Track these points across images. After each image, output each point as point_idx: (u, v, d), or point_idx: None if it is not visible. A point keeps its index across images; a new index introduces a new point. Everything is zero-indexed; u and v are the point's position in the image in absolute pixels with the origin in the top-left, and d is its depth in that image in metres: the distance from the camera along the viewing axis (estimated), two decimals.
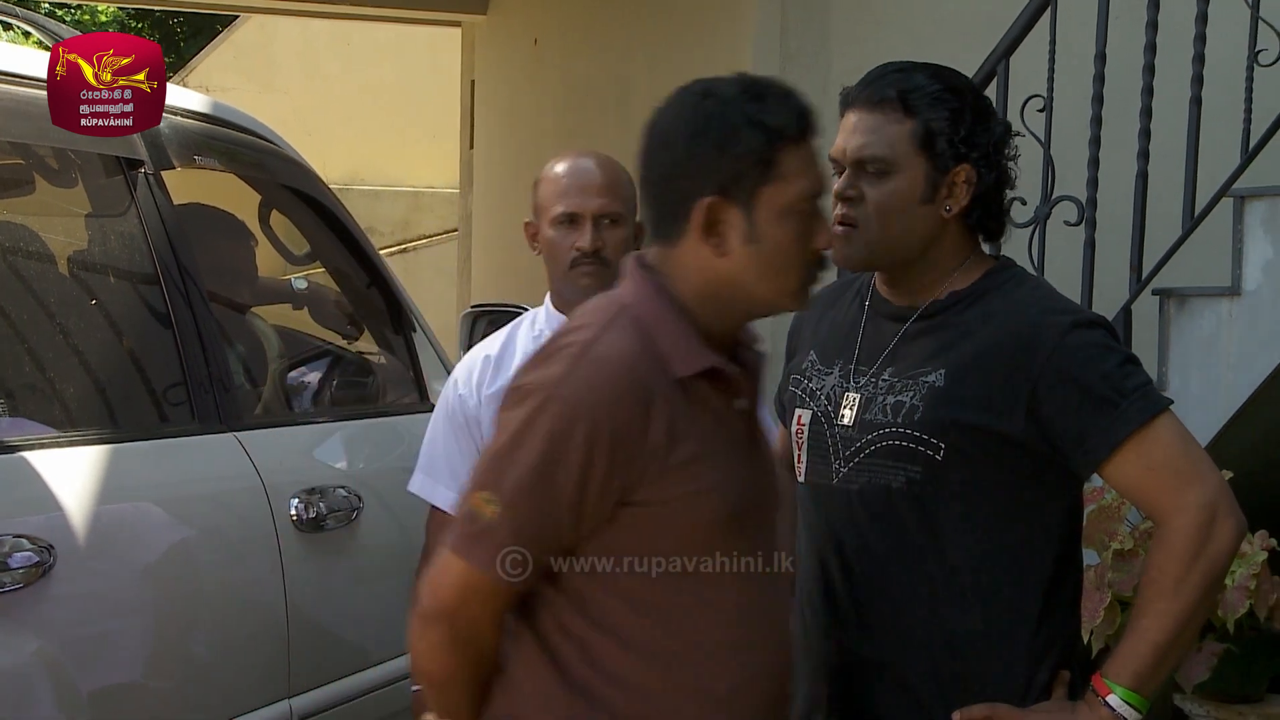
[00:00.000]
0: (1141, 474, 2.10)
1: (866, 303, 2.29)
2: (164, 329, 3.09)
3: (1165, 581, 2.08)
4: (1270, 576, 3.43)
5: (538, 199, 2.82)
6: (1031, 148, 4.00)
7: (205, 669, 2.93)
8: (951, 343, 2.17)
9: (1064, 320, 2.13)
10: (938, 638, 2.16)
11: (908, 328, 2.22)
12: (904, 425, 2.15)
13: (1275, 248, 3.68)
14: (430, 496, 2.86)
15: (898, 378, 2.19)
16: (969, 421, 2.12)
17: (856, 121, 2.18)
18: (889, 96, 2.17)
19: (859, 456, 2.20)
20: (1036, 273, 3.97)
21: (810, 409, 2.28)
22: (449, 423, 2.85)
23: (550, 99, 7.86)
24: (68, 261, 3.14)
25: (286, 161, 3.79)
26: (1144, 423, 2.08)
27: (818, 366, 2.30)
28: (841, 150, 2.19)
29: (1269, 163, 3.95)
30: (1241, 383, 3.68)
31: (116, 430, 2.94)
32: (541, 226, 2.80)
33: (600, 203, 2.76)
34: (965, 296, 2.20)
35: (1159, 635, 2.08)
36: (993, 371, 2.12)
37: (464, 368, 2.89)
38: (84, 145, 2.98)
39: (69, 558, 2.60)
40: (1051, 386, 2.09)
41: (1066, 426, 2.10)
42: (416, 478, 2.90)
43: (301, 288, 4.21)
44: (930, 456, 2.14)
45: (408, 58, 14.28)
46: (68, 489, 2.67)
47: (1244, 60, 3.94)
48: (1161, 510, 2.10)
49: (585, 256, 2.74)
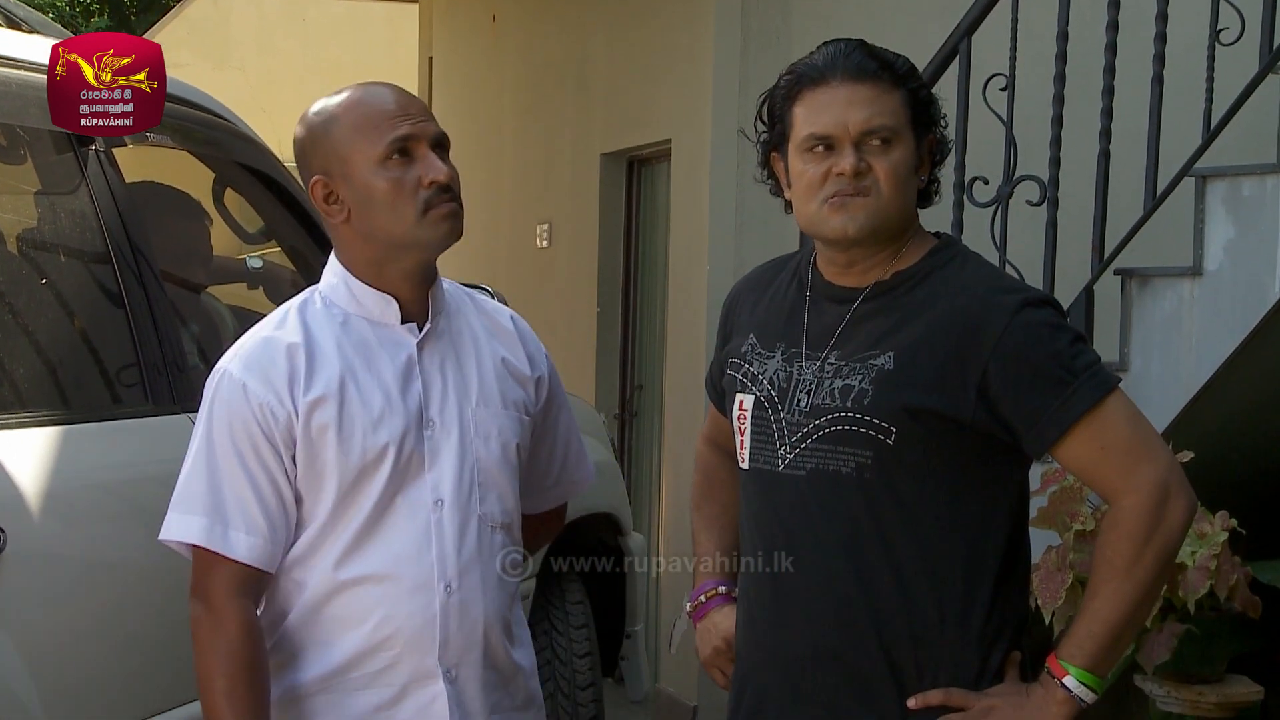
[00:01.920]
0: (1094, 454, 2.10)
1: (808, 284, 2.26)
2: (116, 309, 3.04)
3: (1119, 561, 2.08)
4: (1231, 557, 3.44)
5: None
6: (993, 127, 4.00)
7: (161, 653, 2.90)
8: (899, 324, 2.15)
9: (1013, 299, 2.12)
10: (889, 625, 2.14)
11: (854, 309, 2.19)
12: (853, 409, 2.13)
13: (1237, 228, 3.68)
14: (222, 546, 2.17)
15: (845, 361, 2.16)
16: (920, 405, 2.10)
17: (848, 94, 2.13)
18: (873, 68, 2.14)
19: (806, 442, 2.17)
20: (999, 252, 3.97)
21: (753, 393, 2.24)
22: (237, 443, 2.18)
23: (509, 76, 7.80)
24: (16, 240, 3.08)
25: (241, 139, 3.74)
26: (1096, 402, 2.09)
27: (758, 350, 2.27)
28: (842, 124, 2.12)
29: (1230, 142, 3.96)
30: (1203, 363, 3.69)
31: (68, 411, 2.90)
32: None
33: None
34: (910, 276, 2.18)
35: (1113, 615, 2.09)
36: (943, 353, 2.11)
37: (254, 363, 2.21)
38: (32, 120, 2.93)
39: (19, 542, 2.55)
40: (1003, 366, 2.08)
41: (1018, 407, 2.09)
42: (189, 521, 2.20)
43: (257, 267, 4.16)
44: (881, 441, 2.12)
45: (364, 34, 14.18)
46: (18, 472, 2.63)
47: (1205, 40, 3.94)
48: (1114, 489, 2.10)
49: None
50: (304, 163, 2.27)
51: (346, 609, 2.22)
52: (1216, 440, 3.74)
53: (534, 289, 7.17)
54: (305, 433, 2.20)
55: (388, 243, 2.22)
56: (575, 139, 6.87)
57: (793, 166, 2.19)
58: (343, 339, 2.25)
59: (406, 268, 2.25)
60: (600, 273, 6.59)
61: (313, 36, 14.69)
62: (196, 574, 2.22)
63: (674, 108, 5.73)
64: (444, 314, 2.33)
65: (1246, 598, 3.46)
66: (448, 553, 2.24)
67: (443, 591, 2.23)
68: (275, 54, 14.81)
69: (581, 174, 6.74)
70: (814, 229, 2.18)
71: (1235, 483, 3.80)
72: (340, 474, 2.21)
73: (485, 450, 2.30)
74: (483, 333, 2.39)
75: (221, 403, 2.22)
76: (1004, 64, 3.96)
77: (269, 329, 2.27)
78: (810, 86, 2.16)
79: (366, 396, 2.22)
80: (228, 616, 2.17)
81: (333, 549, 2.22)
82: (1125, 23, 3.87)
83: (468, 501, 2.27)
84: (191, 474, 2.23)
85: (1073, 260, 4.01)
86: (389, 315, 2.27)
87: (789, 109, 2.18)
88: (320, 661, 2.24)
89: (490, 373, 2.35)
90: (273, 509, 2.20)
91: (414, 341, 2.28)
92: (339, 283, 2.28)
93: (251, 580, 2.20)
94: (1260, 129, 4.16)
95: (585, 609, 4.40)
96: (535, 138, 7.41)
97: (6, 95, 2.91)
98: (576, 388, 5.97)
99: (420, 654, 2.23)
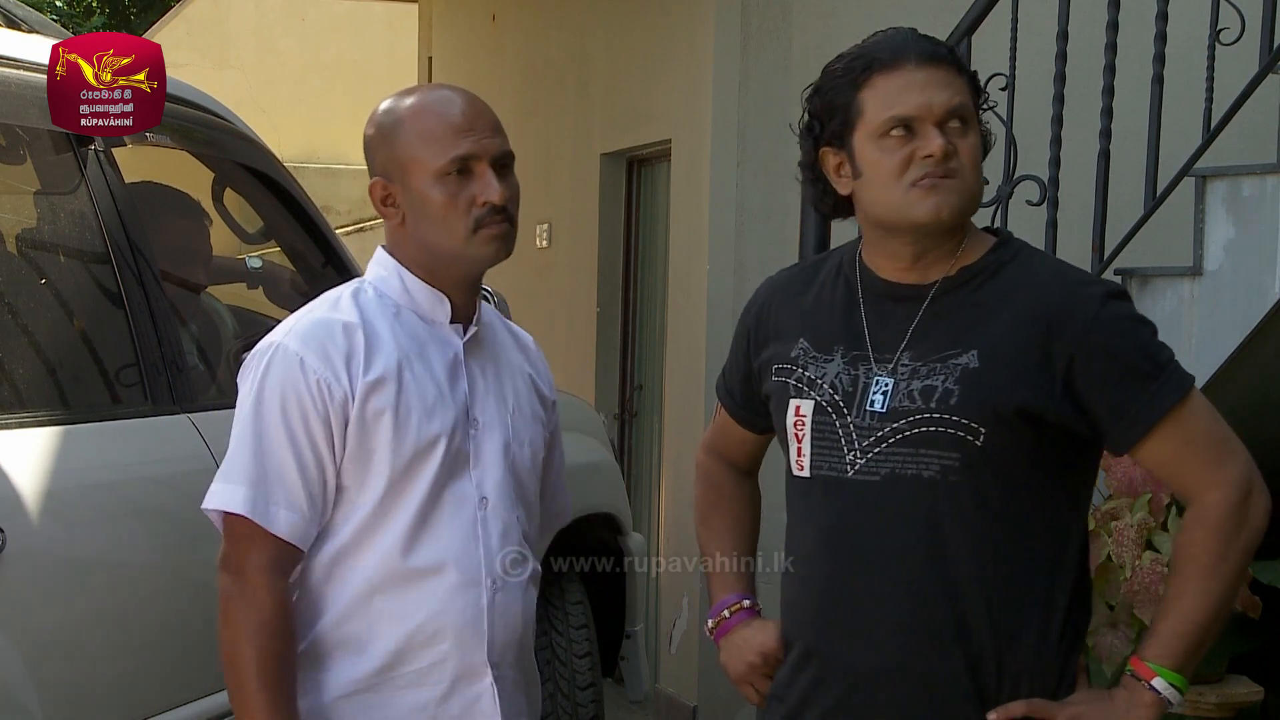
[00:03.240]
0: (1178, 449, 2.08)
1: (857, 283, 2.19)
2: (116, 309, 3.04)
3: (1205, 559, 2.06)
4: None
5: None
6: (994, 127, 3.99)
7: (159, 653, 2.90)
8: (977, 321, 2.10)
9: (1098, 291, 2.10)
10: (973, 635, 2.08)
11: (925, 307, 2.13)
12: (938, 410, 2.07)
13: (1237, 228, 3.68)
14: (264, 519, 2.15)
15: (922, 361, 2.10)
16: (1010, 403, 2.05)
17: (925, 77, 2.08)
18: (943, 52, 2.12)
19: (881, 446, 2.10)
20: None
21: (812, 399, 2.16)
22: (288, 417, 2.17)
23: (509, 76, 7.80)
24: (16, 240, 3.08)
25: (241, 139, 3.73)
26: (1183, 396, 2.08)
27: (812, 354, 2.18)
28: (926, 104, 2.07)
29: (1230, 142, 3.95)
30: (1203, 363, 3.68)
31: (68, 411, 2.90)
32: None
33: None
34: (979, 272, 2.13)
35: (1201, 615, 2.06)
36: (1028, 347, 2.06)
37: (312, 339, 2.19)
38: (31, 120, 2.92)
39: (19, 542, 2.55)
40: (1090, 359, 2.05)
41: (1105, 400, 2.06)
42: (233, 491, 2.17)
43: (256, 267, 4.16)
44: (970, 442, 2.06)
45: (364, 34, 14.17)
46: (18, 472, 2.63)
47: (1206, 39, 3.94)
48: (1197, 485, 2.08)
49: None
50: (369, 162, 2.29)
51: (397, 602, 2.20)
52: None
53: (534, 289, 7.17)
54: (360, 414, 2.17)
55: (436, 253, 2.24)
56: (575, 139, 6.87)
57: (865, 155, 2.11)
58: (396, 328, 2.24)
59: (454, 276, 2.27)
60: (600, 273, 6.58)
61: (312, 36, 14.68)
62: (231, 546, 2.18)
63: (674, 107, 5.72)
64: (484, 322, 2.35)
65: (1246, 598, 3.45)
66: (493, 550, 2.24)
67: (490, 587, 2.23)
68: (274, 54, 14.80)
69: (581, 174, 6.74)
70: (900, 215, 2.09)
71: None
72: (392, 460, 2.18)
73: (521, 456, 2.32)
74: (512, 347, 2.42)
75: (275, 376, 2.19)
76: (1004, 63, 3.96)
77: (323, 310, 2.25)
78: (882, 71, 2.09)
79: (421, 385, 2.21)
80: (263, 591, 2.14)
81: (390, 537, 2.19)
82: (1125, 22, 3.87)
83: (511, 503, 2.28)
84: (238, 445, 2.20)
85: (1073, 260, 3.92)
86: (440, 313, 2.27)
87: (854, 96, 2.10)
88: (368, 657, 2.21)
89: (522, 385, 2.37)
90: (315, 488, 2.18)
91: (461, 342, 2.28)
92: (391, 276, 2.27)
93: (287, 557, 2.18)
94: (1260, 129, 4.15)
95: (585, 609, 4.40)
96: (535, 137, 7.41)
97: (6, 95, 2.90)
98: (576, 388, 5.97)
99: (468, 650, 2.22)
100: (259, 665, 2.12)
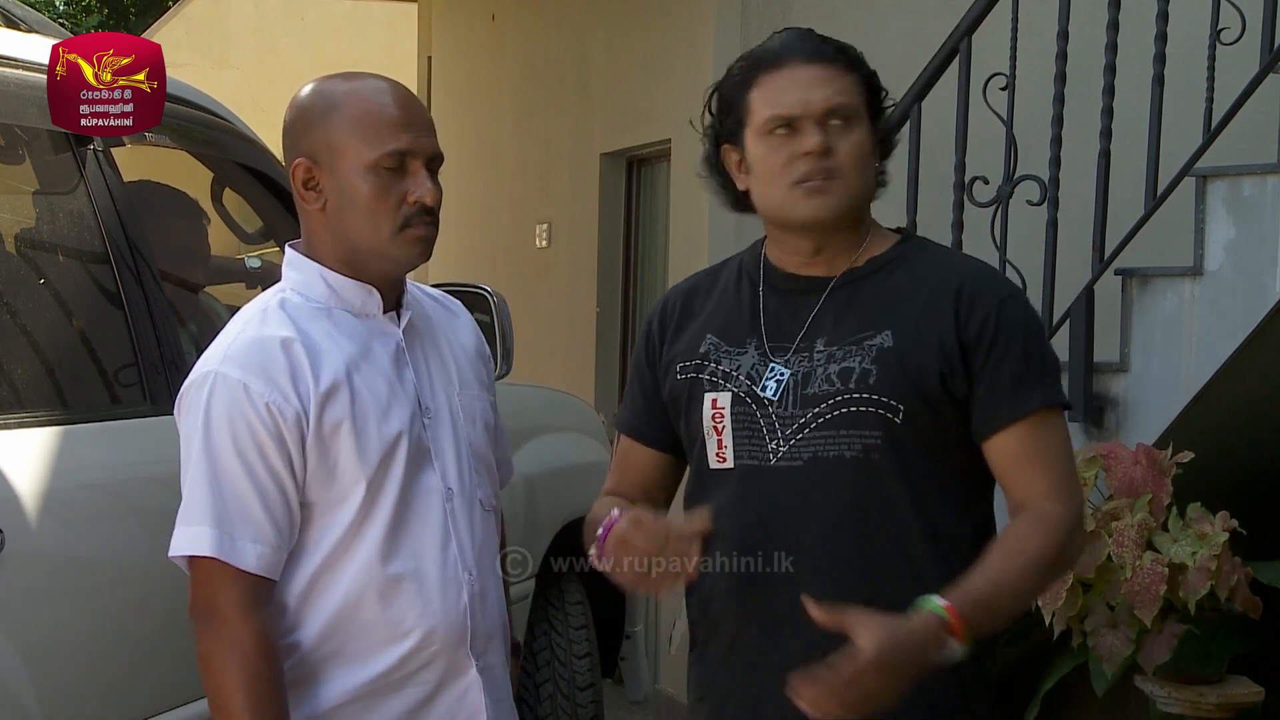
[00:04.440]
0: (1031, 453, 2.11)
1: (761, 280, 2.23)
2: (115, 309, 3.03)
3: (1038, 557, 2.06)
4: (1231, 557, 3.43)
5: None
6: (994, 127, 3.99)
7: (159, 653, 2.89)
8: (891, 304, 2.15)
9: (1007, 284, 2.21)
10: (892, 611, 2.06)
11: (833, 296, 2.17)
12: (858, 390, 2.11)
13: (1237, 228, 3.68)
14: (232, 557, 2.07)
15: (836, 345, 2.15)
16: (926, 379, 2.11)
17: (808, 74, 2.13)
18: (829, 51, 2.17)
19: (803, 432, 2.13)
20: (999, 252, 3.96)
21: (729, 390, 2.19)
22: (241, 448, 2.09)
23: (508, 76, 7.80)
24: (15, 240, 3.07)
25: (240, 138, 3.73)
26: (1054, 404, 2.13)
27: (724, 349, 2.21)
28: (804, 103, 2.12)
29: (1231, 142, 3.95)
30: (1203, 363, 3.68)
31: (67, 412, 2.89)
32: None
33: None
34: (889, 262, 2.19)
35: (1010, 604, 2.06)
36: (940, 328, 2.12)
37: (251, 362, 2.10)
38: (30, 120, 2.92)
39: (18, 542, 2.55)
40: (992, 345, 2.11)
41: (985, 384, 2.11)
42: (197, 533, 2.09)
43: (255, 267, 4.15)
44: (891, 420, 2.10)
45: (364, 34, 14.16)
46: (17, 472, 2.62)
47: (1206, 39, 3.93)
48: (1040, 494, 2.10)
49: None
50: (291, 141, 2.19)
51: (381, 610, 2.15)
52: (1217, 440, 3.74)
53: (533, 289, 7.16)
54: (317, 428, 2.10)
55: (356, 247, 2.16)
56: (575, 139, 6.87)
57: (754, 153, 2.17)
58: (333, 331, 2.16)
59: (374, 271, 2.19)
60: (600, 272, 6.58)
61: (312, 36, 14.67)
62: (201, 589, 2.11)
63: (673, 107, 5.72)
64: (414, 300, 2.30)
65: (1247, 598, 3.45)
66: (464, 542, 2.21)
67: (468, 582, 2.21)
68: (274, 53, 14.79)
69: (581, 174, 6.73)
70: (782, 214, 2.16)
71: (1236, 482, 3.80)
72: (361, 469, 2.13)
73: (473, 434, 2.28)
74: (443, 318, 2.36)
75: (220, 407, 2.10)
76: (1004, 63, 3.96)
77: (254, 328, 2.15)
78: (767, 70, 2.16)
79: (373, 387, 2.16)
80: (241, 628, 2.07)
81: (368, 547, 2.14)
82: (1126, 22, 3.87)
83: (471, 488, 2.24)
84: (194, 486, 2.12)
85: (1073, 260, 4.00)
86: (371, 306, 2.20)
87: (744, 95, 2.17)
88: (357, 669, 2.16)
89: (461, 356, 2.32)
90: (279, 516, 2.11)
91: (399, 330, 2.22)
92: (312, 278, 2.19)
93: (262, 591, 2.11)
94: (1261, 128, 4.15)
95: (585, 609, 4.39)
96: (535, 137, 7.41)
97: (5, 95, 2.90)
98: (576, 388, 5.97)
99: (454, 647, 2.20)
100: (252, 705, 2.05)
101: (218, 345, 2.17)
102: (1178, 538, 3.46)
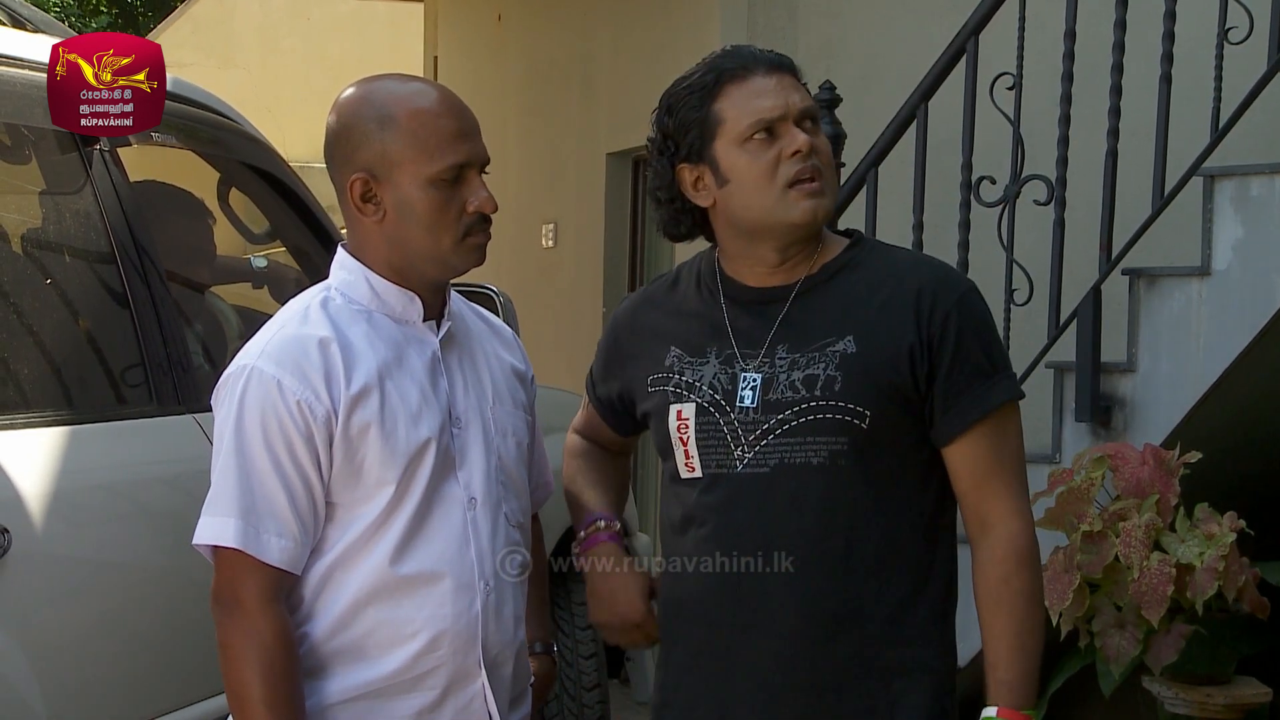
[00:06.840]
0: (990, 459, 2.14)
1: (719, 291, 2.25)
2: (121, 309, 3.04)
3: (1032, 592, 2.14)
4: (1239, 558, 3.43)
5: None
6: (1001, 126, 3.99)
7: (163, 654, 2.89)
8: (849, 309, 2.16)
9: (963, 282, 2.21)
10: (859, 614, 2.13)
11: (795, 303, 2.18)
12: (824, 397, 2.12)
13: (1245, 227, 3.67)
14: (257, 550, 2.09)
15: (799, 353, 2.15)
16: (891, 383, 2.12)
17: (776, 82, 2.16)
18: (787, 62, 2.20)
19: (768, 438, 2.14)
20: (1006, 252, 3.96)
21: (693, 401, 2.20)
22: (271, 442, 2.11)
23: (514, 76, 7.80)
24: (21, 240, 3.07)
25: (246, 138, 3.73)
26: (1009, 399, 2.15)
27: (687, 360, 2.23)
28: (784, 106, 2.14)
29: (1239, 141, 3.95)
30: (1211, 362, 3.68)
31: (73, 412, 2.89)
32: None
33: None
34: (843, 266, 2.20)
35: (1038, 646, 2.13)
36: (900, 331, 2.13)
37: (287, 359, 2.13)
38: (36, 120, 2.92)
39: (25, 542, 2.55)
40: (944, 344, 2.12)
41: (943, 388, 2.12)
42: (223, 524, 2.11)
43: (261, 267, 4.15)
44: (857, 426, 2.12)
45: (369, 33, 14.17)
46: (23, 472, 2.62)
47: (1214, 38, 3.93)
48: (1000, 511, 2.15)
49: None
50: (344, 154, 2.18)
51: (391, 611, 2.16)
52: (1224, 440, 3.73)
53: (539, 289, 7.16)
54: (345, 430, 2.12)
55: (416, 256, 2.18)
56: (580, 138, 6.86)
57: (731, 162, 2.16)
58: (371, 334, 2.19)
59: (428, 278, 2.22)
60: (605, 272, 6.58)
61: (317, 36, 14.68)
62: (225, 579, 2.12)
63: None
64: (455, 313, 2.32)
65: (1255, 599, 3.44)
66: (484, 551, 2.22)
67: (483, 590, 2.21)
68: (279, 53, 14.80)
69: (587, 173, 6.73)
70: (775, 216, 2.15)
71: (1243, 483, 3.79)
72: (386, 473, 2.14)
73: (505, 449, 2.29)
74: (484, 334, 2.38)
75: (253, 401, 2.12)
76: (1011, 63, 3.95)
77: (294, 325, 2.18)
78: (733, 80, 2.16)
79: (405, 392, 2.18)
80: (261, 620, 2.09)
81: (381, 548, 2.16)
82: (1133, 21, 3.86)
83: (497, 500, 2.25)
84: (223, 476, 2.14)
85: (1080, 260, 4.00)
86: (413, 313, 2.23)
87: (707, 109, 2.17)
88: (363, 667, 2.18)
89: (499, 373, 2.34)
90: (304, 512, 2.13)
91: (436, 340, 2.25)
92: (357, 280, 2.22)
93: (283, 585, 2.13)
94: (1269, 128, 4.15)
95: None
96: (540, 137, 7.41)
97: (11, 94, 2.90)
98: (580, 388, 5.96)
99: (463, 654, 2.20)
100: (268, 696, 2.08)
101: (258, 340, 2.20)
102: (1185, 538, 3.45)
